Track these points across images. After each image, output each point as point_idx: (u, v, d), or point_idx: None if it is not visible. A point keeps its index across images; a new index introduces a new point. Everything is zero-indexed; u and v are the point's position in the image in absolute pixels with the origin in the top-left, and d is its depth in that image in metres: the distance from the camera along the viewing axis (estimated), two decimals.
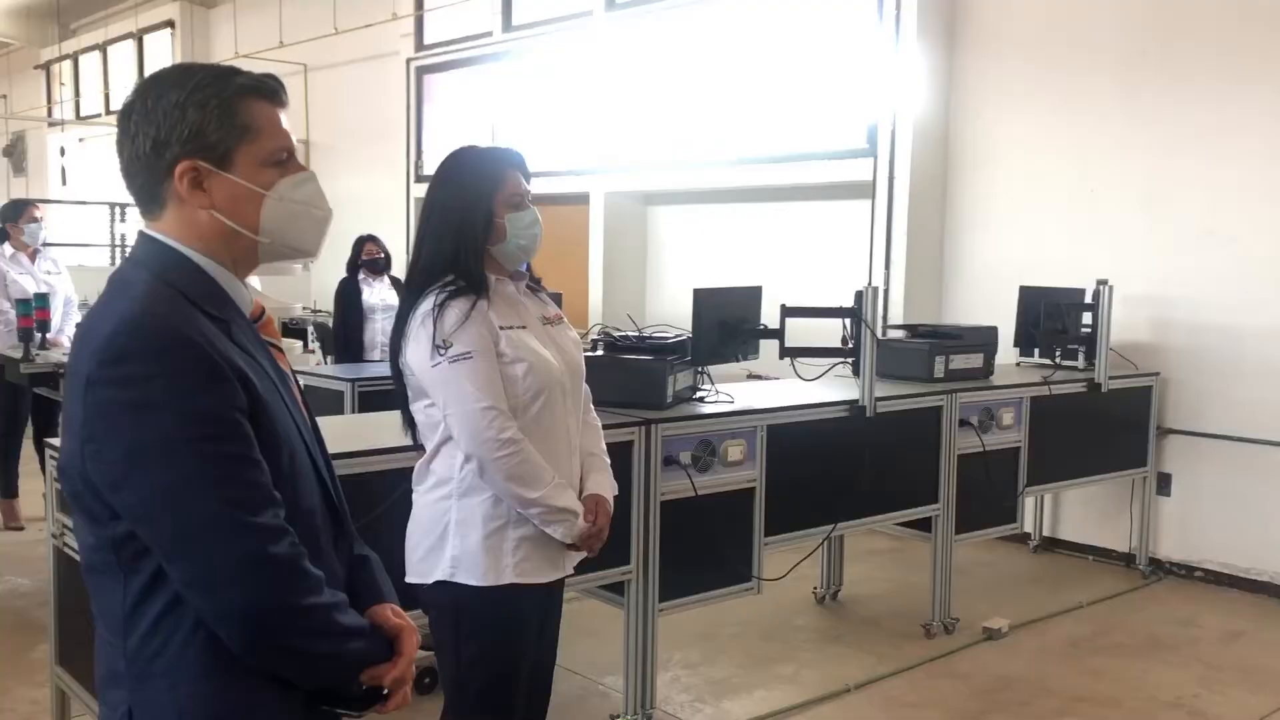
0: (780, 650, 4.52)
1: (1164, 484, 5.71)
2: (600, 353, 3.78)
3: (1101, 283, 5.33)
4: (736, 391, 4.06)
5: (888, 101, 6.37)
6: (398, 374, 2.43)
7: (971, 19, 6.34)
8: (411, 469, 2.48)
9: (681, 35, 7.56)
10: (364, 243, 6.50)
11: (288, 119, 1.53)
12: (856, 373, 4.27)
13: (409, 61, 9.68)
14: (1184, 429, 5.63)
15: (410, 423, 2.45)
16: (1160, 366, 5.65)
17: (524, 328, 2.41)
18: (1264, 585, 5.34)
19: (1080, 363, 5.40)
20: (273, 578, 1.36)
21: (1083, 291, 5.43)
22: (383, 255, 6.52)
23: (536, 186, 2.51)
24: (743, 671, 4.30)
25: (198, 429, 1.34)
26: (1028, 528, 5.89)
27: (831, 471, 4.17)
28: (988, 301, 6.00)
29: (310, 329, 7.78)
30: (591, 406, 2.62)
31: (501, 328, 2.35)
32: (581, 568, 2.63)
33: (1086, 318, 5.40)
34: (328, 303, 7.13)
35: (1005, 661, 4.42)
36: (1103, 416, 5.32)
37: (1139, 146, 5.68)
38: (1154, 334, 5.67)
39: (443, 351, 2.29)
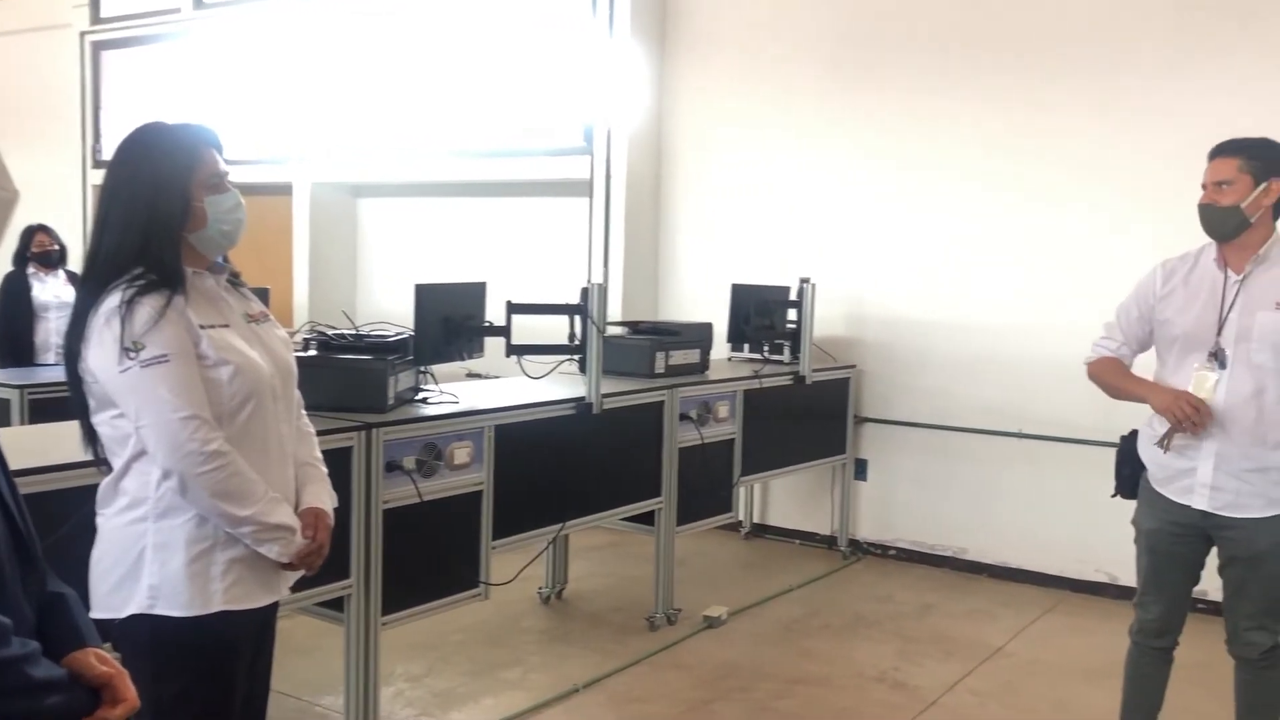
0: (507, 655, 4.43)
1: (861, 469, 6.09)
2: (313, 353, 3.54)
3: (804, 281, 5.61)
4: (461, 391, 3.93)
5: (603, 100, 6.42)
6: (76, 381, 2.12)
7: (682, 21, 6.50)
8: (97, 487, 2.18)
9: (394, 21, 7.28)
10: (34, 233, 5.85)
11: None
12: (583, 370, 4.25)
13: (83, 35, 8.79)
14: (878, 417, 6.04)
15: (92, 436, 2.14)
16: (856, 359, 6.02)
17: (227, 326, 2.17)
18: (948, 560, 5.81)
19: (786, 357, 5.66)
20: None
21: (788, 289, 5.69)
22: (56, 247, 5.88)
23: (233, 175, 2.27)
24: (469, 680, 4.17)
25: None
26: (740, 516, 6.12)
27: (559, 470, 4.12)
28: (702, 298, 6.20)
29: None
30: (304, 412, 2.41)
31: (201, 326, 2.11)
32: (296, 585, 2.42)
33: (792, 314, 5.66)
34: None
35: (726, 648, 4.54)
36: (807, 407, 5.61)
37: (838, 151, 6.02)
38: (851, 329, 6.04)
39: (133, 355, 2.02)
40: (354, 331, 3.66)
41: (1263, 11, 4.92)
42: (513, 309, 4.03)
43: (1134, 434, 3.22)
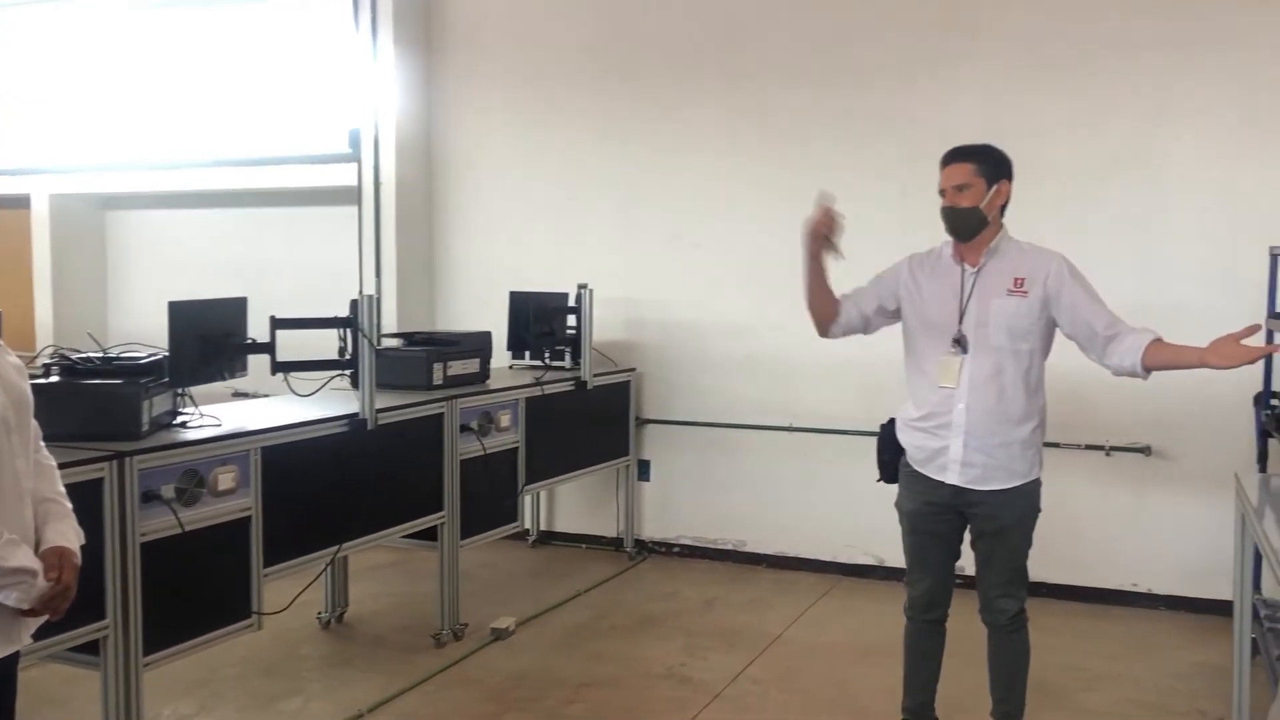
0: (285, 685, 4.24)
1: (644, 470, 6.20)
2: (55, 379, 3.28)
3: (582, 287, 5.66)
4: (224, 413, 3.73)
5: (369, 106, 6.26)
6: None
7: (448, 29, 6.43)
8: None
9: (143, 23, 6.86)
10: None
11: None
12: (355, 385, 4.12)
13: None
14: (658, 418, 6.16)
15: None
16: (636, 362, 6.13)
17: None
18: (729, 553, 6.00)
19: (568, 362, 5.69)
20: None
21: (567, 295, 5.72)
22: None
23: None
24: (245, 714, 3.96)
25: None
26: (526, 524, 6.10)
27: (334, 490, 3.98)
28: (480, 307, 6.14)
29: None
30: (43, 444, 2.23)
31: None
32: (41, 632, 2.24)
33: (571, 320, 5.69)
34: None
35: (514, 659, 4.51)
36: (590, 412, 5.65)
37: (610, 158, 6.12)
38: (630, 333, 6.14)
39: None
40: (101, 354, 3.41)
41: (986, 29, 5.33)
42: (276, 324, 3.86)
43: (892, 421, 3.43)
